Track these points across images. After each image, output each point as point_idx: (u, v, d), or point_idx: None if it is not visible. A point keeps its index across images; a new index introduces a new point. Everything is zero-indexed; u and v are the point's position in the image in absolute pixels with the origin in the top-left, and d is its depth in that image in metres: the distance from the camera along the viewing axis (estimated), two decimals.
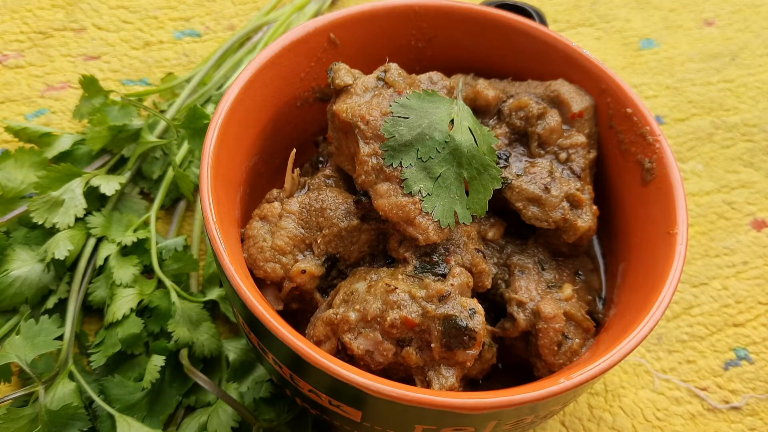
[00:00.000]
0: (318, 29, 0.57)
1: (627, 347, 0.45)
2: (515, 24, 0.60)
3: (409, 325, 0.47)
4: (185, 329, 0.60)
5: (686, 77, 0.88)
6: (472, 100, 0.57)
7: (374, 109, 0.51)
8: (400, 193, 0.49)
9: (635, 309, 0.49)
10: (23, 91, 0.79)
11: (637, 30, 0.91)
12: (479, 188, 0.51)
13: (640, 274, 0.53)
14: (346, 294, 0.50)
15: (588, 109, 0.58)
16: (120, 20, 0.85)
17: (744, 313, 0.71)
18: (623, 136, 0.57)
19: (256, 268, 0.52)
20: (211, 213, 0.47)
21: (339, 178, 0.55)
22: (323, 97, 0.61)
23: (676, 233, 0.50)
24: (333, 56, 0.59)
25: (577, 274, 0.57)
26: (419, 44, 0.62)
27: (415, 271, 0.50)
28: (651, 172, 0.55)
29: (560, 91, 0.58)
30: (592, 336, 0.54)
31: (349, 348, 0.48)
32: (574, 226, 0.54)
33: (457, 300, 0.48)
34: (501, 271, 0.55)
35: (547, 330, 0.52)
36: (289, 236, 0.52)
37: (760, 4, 0.94)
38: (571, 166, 0.56)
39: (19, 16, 0.84)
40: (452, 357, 0.47)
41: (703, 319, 0.72)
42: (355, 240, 0.53)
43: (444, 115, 0.51)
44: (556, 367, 0.52)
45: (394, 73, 0.53)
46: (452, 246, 0.52)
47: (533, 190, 0.54)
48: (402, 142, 0.50)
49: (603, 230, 0.60)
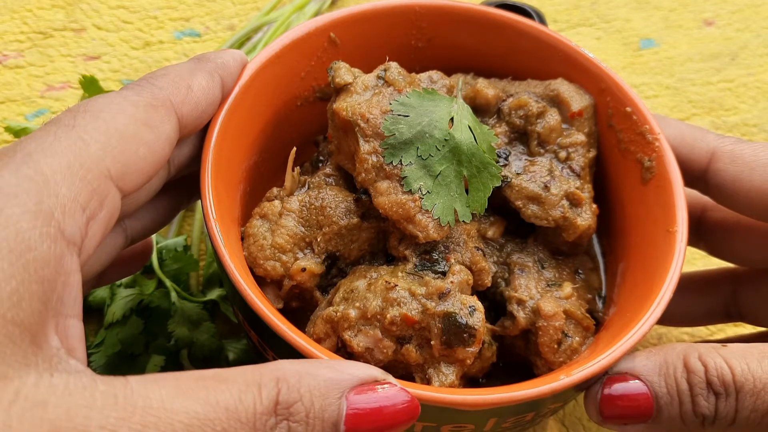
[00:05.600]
0: (318, 29, 0.57)
1: (627, 344, 0.45)
2: (515, 24, 0.60)
3: (409, 322, 0.47)
4: (185, 329, 0.60)
5: (686, 77, 0.88)
6: (472, 98, 0.57)
7: (374, 107, 0.51)
8: (400, 191, 0.49)
9: (635, 307, 0.49)
10: (23, 91, 0.79)
11: (637, 30, 0.92)
12: (479, 186, 0.51)
13: (640, 272, 0.53)
14: (346, 292, 0.50)
15: (587, 108, 0.58)
16: (120, 20, 0.85)
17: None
18: (623, 135, 0.57)
19: (256, 267, 0.52)
20: (211, 211, 0.47)
21: (339, 177, 0.55)
22: (323, 97, 0.61)
23: (676, 231, 0.50)
24: (333, 56, 0.59)
25: (577, 272, 0.58)
26: (419, 44, 0.62)
27: (415, 269, 0.50)
28: (650, 171, 0.55)
29: (560, 90, 0.58)
30: (592, 334, 0.54)
31: (349, 345, 0.48)
32: (574, 225, 0.54)
33: (456, 297, 0.48)
34: (501, 270, 0.56)
35: (546, 328, 0.52)
36: (289, 234, 0.52)
37: (760, 4, 0.94)
38: (570, 165, 0.56)
39: (19, 16, 0.84)
40: (452, 354, 0.48)
41: None
42: (355, 238, 0.53)
43: (444, 113, 0.51)
44: (556, 365, 0.52)
45: (394, 72, 0.54)
46: (452, 244, 0.52)
47: (533, 189, 0.54)
48: (402, 140, 0.50)
49: (603, 229, 0.60)
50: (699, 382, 0.44)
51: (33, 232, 0.34)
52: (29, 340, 0.33)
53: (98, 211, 0.38)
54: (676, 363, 0.45)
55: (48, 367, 0.33)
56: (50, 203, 0.35)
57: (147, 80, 0.45)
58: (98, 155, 0.38)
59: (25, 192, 0.34)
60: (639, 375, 0.45)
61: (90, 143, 0.38)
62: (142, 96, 0.43)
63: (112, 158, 0.39)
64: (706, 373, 0.44)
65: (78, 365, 0.34)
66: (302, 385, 0.37)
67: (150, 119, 0.43)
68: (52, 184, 0.35)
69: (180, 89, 0.46)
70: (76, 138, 0.38)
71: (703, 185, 0.56)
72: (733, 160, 0.53)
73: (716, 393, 0.44)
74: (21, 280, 0.33)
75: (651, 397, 0.45)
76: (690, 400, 0.44)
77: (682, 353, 0.45)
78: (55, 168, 0.36)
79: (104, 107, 0.41)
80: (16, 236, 0.33)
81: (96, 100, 0.42)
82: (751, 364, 0.44)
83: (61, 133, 0.38)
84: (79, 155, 0.37)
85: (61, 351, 0.34)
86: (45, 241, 0.34)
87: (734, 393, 0.44)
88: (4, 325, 0.32)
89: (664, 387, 0.45)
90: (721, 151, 0.54)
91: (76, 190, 0.36)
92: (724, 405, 0.44)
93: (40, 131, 0.38)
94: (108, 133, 0.40)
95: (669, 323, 0.66)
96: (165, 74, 0.47)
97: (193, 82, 0.47)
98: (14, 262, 0.33)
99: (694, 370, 0.44)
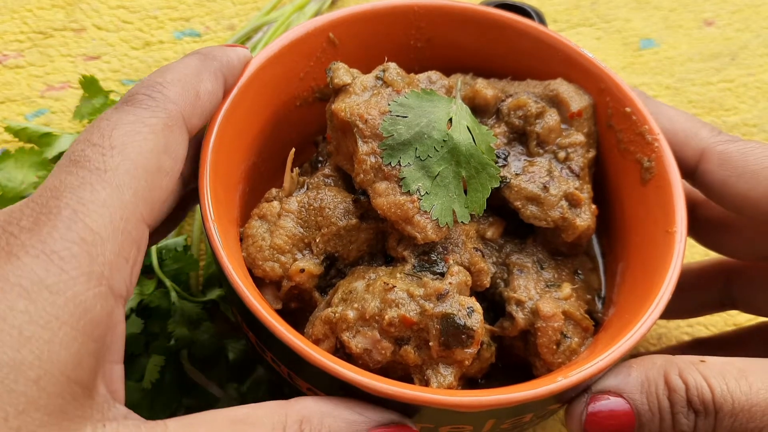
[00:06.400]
0: (317, 29, 0.57)
1: (625, 345, 0.45)
2: (514, 24, 0.60)
3: (407, 323, 0.47)
4: (185, 329, 0.60)
5: (686, 77, 0.88)
6: (471, 99, 0.57)
7: (373, 108, 0.51)
8: (398, 192, 0.49)
9: (634, 308, 0.49)
10: (23, 91, 0.79)
11: (637, 30, 0.92)
12: (477, 187, 0.51)
13: (639, 273, 0.53)
14: (344, 293, 0.50)
15: (587, 108, 0.58)
16: (120, 20, 0.85)
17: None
18: (622, 135, 0.57)
19: (255, 267, 0.52)
20: (209, 212, 0.47)
21: (338, 178, 0.55)
22: (323, 97, 0.61)
23: (675, 231, 0.50)
24: (332, 56, 0.59)
25: (576, 273, 0.58)
26: (418, 44, 0.62)
27: (414, 270, 0.50)
28: (650, 171, 0.55)
29: (559, 90, 0.58)
30: (591, 335, 0.54)
31: (347, 346, 0.48)
32: (573, 225, 0.54)
33: (455, 298, 0.48)
34: (500, 270, 0.56)
35: (545, 329, 0.52)
36: (287, 235, 0.52)
37: (760, 4, 0.94)
38: (569, 165, 0.56)
39: (19, 16, 0.84)
40: (450, 355, 0.47)
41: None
42: (354, 239, 0.53)
43: (442, 114, 0.51)
44: (555, 366, 0.52)
45: (393, 73, 0.53)
46: (451, 245, 0.52)
47: (532, 189, 0.54)
48: (400, 141, 0.50)
49: (602, 229, 0.60)
50: (680, 400, 0.45)
51: (88, 294, 0.36)
52: (86, 394, 0.36)
53: (138, 256, 0.40)
54: (658, 380, 0.46)
55: (101, 417, 0.36)
56: (100, 262, 0.37)
57: (158, 90, 0.45)
58: (133, 202, 0.40)
59: (77, 255, 0.36)
60: (621, 393, 0.46)
61: (124, 190, 0.40)
62: (158, 116, 0.43)
63: (143, 201, 0.41)
64: (687, 392, 0.45)
65: (122, 409, 0.38)
66: (324, 426, 0.41)
67: (168, 145, 0.43)
68: (99, 243, 0.37)
69: (189, 99, 0.46)
70: (111, 188, 0.39)
71: (692, 182, 0.56)
72: (721, 163, 0.53)
73: (696, 411, 0.45)
74: (82, 341, 0.35)
75: (633, 414, 0.46)
76: (671, 417, 0.45)
77: (663, 369, 0.46)
78: (100, 226, 0.38)
79: (128, 140, 0.41)
80: (75, 300, 0.36)
81: (117, 129, 0.42)
82: (730, 384, 0.45)
83: (95, 182, 0.39)
84: (118, 208, 0.39)
85: (108, 398, 0.37)
86: (99, 302, 0.37)
87: (713, 413, 0.45)
88: (69, 385, 0.35)
89: (646, 404, 0.46)
90: (711, 152, 0.54)
91: (119, 245, 0.38)
92: (703, 424, 0.45)
93: (72, 178, 0.39)
94: (137, 175, 0.41)
95: (666, 317, 0.67)
96: (174, 81, 0.46)
97: (200, 87, 0.48)
98: (75, 326, 0.35)
99: (675, 388, 0.45)
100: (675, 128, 0.55)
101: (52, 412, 0.34)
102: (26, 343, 0.33)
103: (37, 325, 0.34)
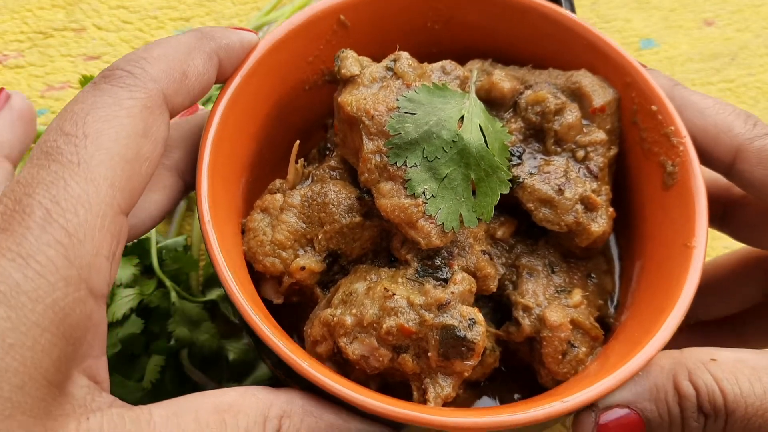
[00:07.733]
0: (327, 11, 0.54)
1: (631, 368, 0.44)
2: (538, 7, 0.56)
3: (405, 332, 0.46)
4: (185, 329, 0.60)
5: (686, 77, 0.88)
6: (487, 91, 0.54)
7: (380, 103, 0.48)
8: (403, 194, 0.47)
9: (644, 326, 0.47)
10: (23, 91, 0.80)
11: (637, 30, 0.91)
12: (487, 191, 0.48)
13: (654, 285, 0.51)
14: (344, 294, 0.49)
15: (611, 103, 0.54)
16: (120, 20, 0.85)
17: None
18: (646, 134, 0.54)
19: (256, 262, 0.51)
20: (206, 212, 0.46)
21: (344, 170, 0.53)
22: (333, 80, 0.58)
23: (694, 246, 0.47)
24: (343, 39, 0.56)
25: (590, 276, 0.55)
26: (435, 26, 0.59)
27: (416, 275, 0.49)
28: (673, 177, 0.51)
29: (582, 83, 0.54)
30: (600, 344, 0.52)
31: (344, 352, 0.47)
32: (587, 231, 0.51)
33: (456, 309, 0.46)
34: (509, 272, 0.54)
35: (551, 339, 0.50)
36: (289, 231, 0.51)
37: (760, 4, 0.93)
38: (588, 165, 0.53)
39: (19, 16, 0.84)
40: (449, 366, 0.46)
41: None
42: (357, 237, 0.51)
43: (454, 111, 0.49)
44: (560, 375, 0.51)
45: (404, 63, 0.51)
46: (456, 249, 0.50)
47: (546, 191, 0.51)
48: (407, 140, 0.48)
49: (621, 230, 0.57)
50: (690, 406, 0.44)
51: (67, 300, 0.36)
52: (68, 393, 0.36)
53: (117, 248, 0.39)
54: (667, 386, 0.44)
55: (84, 410, 0.37)
56: (78, 264, 0.36)
57: (140, 65, 0.43)
58: (110, 194, 0.38)
59: (54, 259, 0.36)
60: (630, 404, 0.45)
61: (99, 183, 0.38)
62: (136, 97, 0.41)
63: (121, 191, 0.39)
64: (698, 398, 0.44)
65: (108, 397, 0.38)
66: (303, 424, 0.41)
67: (147, 129, 0.41)
68: (76, 245, 0.36)
69: (174, 77, 0.44)
70: (86, 182, 0.38)
71: (729, 178, 0.53)
72: (760, 161, 0.50)
73: (706, 415, 0.44)
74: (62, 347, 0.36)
75: (643, 423, 0.45)
76: (680, 422, 0.44)
77: (671, 374, 0.44)
78: (76, 226, 0.37)
79: (103, 127, 0.39)
80: (54, 307, 0.35)
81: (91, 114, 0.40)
82: (743, 386, 0.43)
83: (69, 177, 0.37)
84: (94, 204, 0.37)
85: (91, 389, 0.38)
86: (78, 306, 0.36)
87: (724, 416, 0.44)
88: (51, 388, 0.35)
89: (656, 412, 0.44)
90: (747, 150, 0.50)
91: (97, 245, 0.37)
92: (713, 426, 0.44)
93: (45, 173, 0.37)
94: (113, 165, 0.39)
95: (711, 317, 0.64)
96: (159, 57, 0.44)
97: (188, 66, 0.45)
98: (56, 332, 0.35)
99: (686, 395, 0.44)
100: (706, 123, 0.52)
101: (37, 415, 0.34)
102: (10, 350, 0.34)
103: (20, 332, 0.34)
